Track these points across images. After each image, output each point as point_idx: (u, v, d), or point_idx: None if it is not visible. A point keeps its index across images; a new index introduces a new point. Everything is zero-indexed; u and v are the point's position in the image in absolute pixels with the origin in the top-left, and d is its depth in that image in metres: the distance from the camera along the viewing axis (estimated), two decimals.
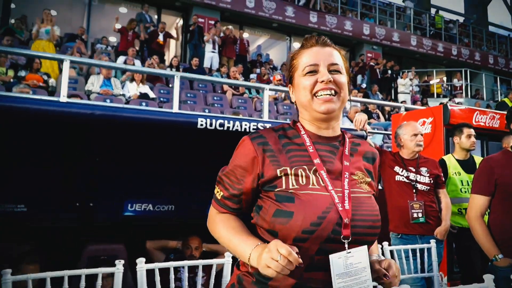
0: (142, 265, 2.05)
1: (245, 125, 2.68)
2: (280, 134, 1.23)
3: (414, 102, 12.91)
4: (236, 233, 1.19)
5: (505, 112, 4.78)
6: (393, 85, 13.99)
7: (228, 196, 1.23)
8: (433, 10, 19.55)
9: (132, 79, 7.96)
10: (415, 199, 3.26)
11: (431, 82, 15.68)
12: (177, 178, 3.49)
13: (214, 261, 2.39)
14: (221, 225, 1.24)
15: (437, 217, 3.30)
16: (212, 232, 1.28)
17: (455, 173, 3.69)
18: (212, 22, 12.55)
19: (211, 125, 2.54)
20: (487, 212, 2.51)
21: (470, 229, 2.53)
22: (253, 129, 2.71)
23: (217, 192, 1.27)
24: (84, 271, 1.93)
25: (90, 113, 2.23)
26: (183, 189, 3.58)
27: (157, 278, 2.10)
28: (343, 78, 1.22)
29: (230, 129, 2.61)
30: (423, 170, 3.35)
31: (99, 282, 1.97)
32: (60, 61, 3.77)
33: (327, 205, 1.11)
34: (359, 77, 13.87)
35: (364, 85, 13.04)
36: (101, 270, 1.99)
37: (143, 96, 7.60)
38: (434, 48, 16.77)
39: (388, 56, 15.77)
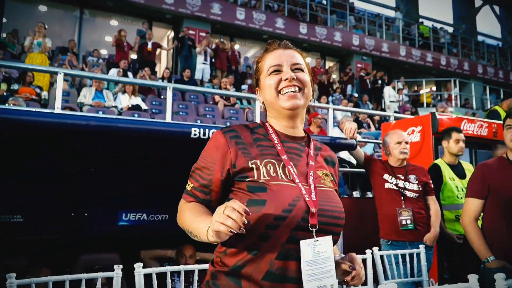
0: (140, 270, 2.10)
1: None
2: (251, 130, 1.31)
3: (404, 111, 13.08)
4: (200, 215, 1.21)
5: (494, 121, 4.91)
6: (383, 95, 14.16)
7: (198, 187, 1.28)
8: (421, 21, 19.89)
9: (124, 91, 8.01)
10: (403, 206, 3.33)
11: (421, 92, 15.90)
12: (170, 188, 3.52)
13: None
14: (187, 211, 1.25)
15: (426, 223, 3.36)
16: (179, 221, 1.29)
17: (450, 178, 3.70)
18: (203, 34, 12.68)
19: (204, 134, 2.60)
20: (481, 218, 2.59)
21: (464, 232, 2.62)
22: None
23: (188, 185, 1.31)
24: (84, 276, 1.99)
25: (85, 124, 2.28)
26: (176, 198, 3.61)
27: (155, 281, 2.16)
28: (306, 76, 1.31)
29: None
30: (412, 177, 3.42)
31: (99, 286, 2.02)
32: (54, 74, 3.80)
33: (296, 194, 1.18)
34: (349, 87, 14.05)
35: (356, 95, 13.19)
36: (100, 275, 2.04)
37: (135, 108, 7.64)
38: (423, 58, 17.03)
39: (377, 67, 15.98)
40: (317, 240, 1.15)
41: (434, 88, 17.73)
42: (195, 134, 2.59)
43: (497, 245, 2.45)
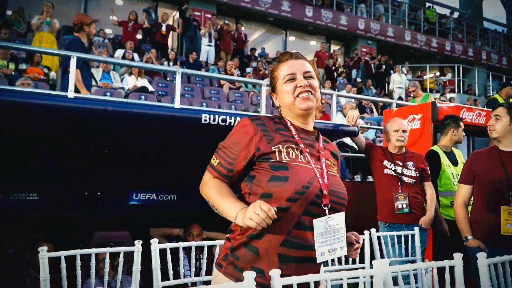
0: (155, 245, 2.29)
1: None
2: (275, 121, 1.52)
3: (407, 96, 13.15)
4: (227, 197, 1.42)
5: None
6: (386, 80, 14.21)
7: (224, 164, 1.47)
8: (428, 5, 19.77)
9: (130, 73, 8.12)
10: (400, 191, 3.51)
11: (424, 77, 15.93)
12: (179, 169, 3.69)
13: (217, 242, 2.62)
14: (214, 189, 1.46)
15: (422, 207, 3.54)
16: (204, 193, 1.50)
17: (447, 165, 3.85)
18: (209, 16, 12.69)
19: (214, 120, 2.75)
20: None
21: (454, 214, 2.87)
22: None
23: (214, 160, 1.50)
24: (108, 250, 2.17)
25: (102, 109, 2.43)
26: (184, 179, 3.78)
27: (169, 256, 2.38)
28: (315, 82, 1.52)
29: (232, 124, 2.82)
30: (410, 164, 3.58)
31: (121, 259, 2.22)
32: (68, 58, 3.91)
33: (312, 175, 1.41)
34: (354, 72, 14.10)
35: (359, 79, 13.23)
36: (123, 249, 2.23)
37: (142, 90, 7.76)
38: (428, 43, 17.00)
39: (382, 51, 15.97)
40: (330, 217, 1.39)
41: (438, 74, 17.72)
42: (205, 120, 2.74)
43: (477, 226, 2.77)
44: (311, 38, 16.50)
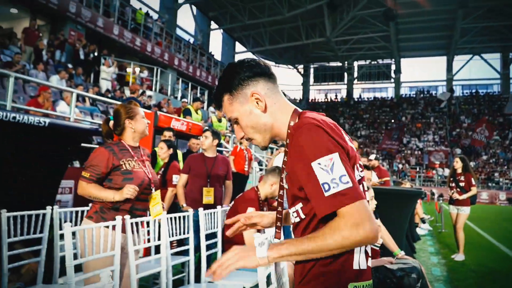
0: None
1: (31, 119, 3.44)
2: (117, 145, 2.65)
3: (113, 88, 14.31)
4: (102, 190, 2.56)
5: (190, 120, 6.97)
6: (93, 69, 14.80)
7: (93, 175, 2.56)
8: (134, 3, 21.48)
9: None
10: None
11: (128, 70, 17.33)
12: None
13: None
14: (93, 189, 2.53)
15: None
16: (86, 194, 2.53)
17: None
18: None
19: (6, 117, 3.20)
20: None
21: None
22: (37, 122, 3.50)
23: (85, 173, 2.55)
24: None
25: None
26: None
27: None
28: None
29: (20, 121, 3.32)
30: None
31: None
32: None
33: (144, 175, 2.65)
34: (57, 52, 14.01)
35: (70, 66, 13.28)
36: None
37: None
38: (133, 41, 18.62)
39: (90, 39, 16.41)
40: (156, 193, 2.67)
41: (138, 70, 19.59)
42: None
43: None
44: (12, 6, 15.29)
